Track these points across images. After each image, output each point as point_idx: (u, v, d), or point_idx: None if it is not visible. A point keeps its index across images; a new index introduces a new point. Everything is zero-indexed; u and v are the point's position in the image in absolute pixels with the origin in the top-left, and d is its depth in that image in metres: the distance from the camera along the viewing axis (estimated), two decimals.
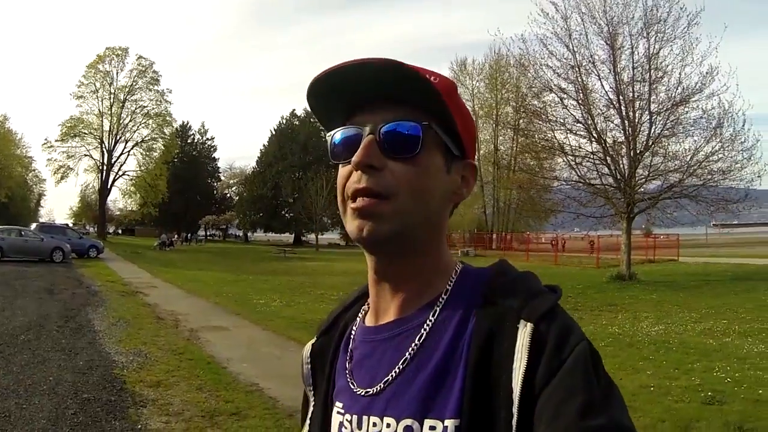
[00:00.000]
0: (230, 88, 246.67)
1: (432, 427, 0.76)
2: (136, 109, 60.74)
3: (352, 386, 0.87)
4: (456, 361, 0.78)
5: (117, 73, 60.48)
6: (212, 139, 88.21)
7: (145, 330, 10.19)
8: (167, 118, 62.48)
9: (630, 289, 18.31)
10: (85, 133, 58.81)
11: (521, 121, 27.32)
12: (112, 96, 59.58)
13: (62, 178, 59.01)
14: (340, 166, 0.86)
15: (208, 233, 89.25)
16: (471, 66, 60.62)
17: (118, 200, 73.55)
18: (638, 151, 20.45)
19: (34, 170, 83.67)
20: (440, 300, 0.85)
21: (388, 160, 0.81)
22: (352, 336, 0.94)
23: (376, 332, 0.89)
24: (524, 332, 0.74)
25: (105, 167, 59.78)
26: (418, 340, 0.83)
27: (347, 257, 41.28)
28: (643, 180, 20.72)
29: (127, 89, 60.17)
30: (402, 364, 0.82)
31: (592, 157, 21.36)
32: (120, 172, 61.55)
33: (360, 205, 0.81)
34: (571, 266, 29.01)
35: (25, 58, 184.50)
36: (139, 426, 5.33)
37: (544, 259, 34.10)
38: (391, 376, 0.83)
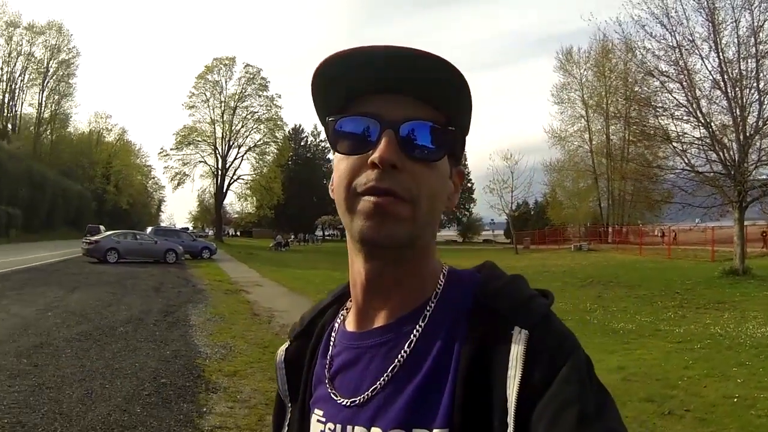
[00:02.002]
0: None
1: None
2: (246, 115, 63.18)
3: (333, 395, 0.83)
4: (446, 369, 0.75)
5: (226, 82, 63.23)
6: (325, 140, 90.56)
7: (237, 325, 10.67)
8: (278, 123, 64.48)
9: (742, 285, 16.84)
10: (199, 141, 61.86)
11: (631, 109, 26.02)
12: (222, 104, 62.31)
13: (179, 184, 62.59)
14: (349, 157, 0.79)
15: (325, 233, 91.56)
16: (577, 55, 57.74)
17: (235, 203, 77.18)
18: (748, 135, 18.79)
19: (153, 178, 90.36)
20: (429, 305, 0.81)
21: (408, 160, 0.76)
22: (331, 341, 0.90)
23: (362, 338, 0.85)
24: (518, 340, 0.71)
25: (220, 172, 62.64)
26: (408, 347, 0.79)
27: (460, 253, 41.04)
28: (755, 165, 19.08)
29: (236, 97, 62.63)
30: (391, 371, 0.79)
31: (698, 143, 19.95)
32: (235, 177, 64.18)
33: (381, 201, 0.74)
34: (685, 260, 27.28)
35: (138, 73, 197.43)
36: (204, 409, 5.70)
37: (657, 253, 32.33)
38: (380, 384, 0.79)
